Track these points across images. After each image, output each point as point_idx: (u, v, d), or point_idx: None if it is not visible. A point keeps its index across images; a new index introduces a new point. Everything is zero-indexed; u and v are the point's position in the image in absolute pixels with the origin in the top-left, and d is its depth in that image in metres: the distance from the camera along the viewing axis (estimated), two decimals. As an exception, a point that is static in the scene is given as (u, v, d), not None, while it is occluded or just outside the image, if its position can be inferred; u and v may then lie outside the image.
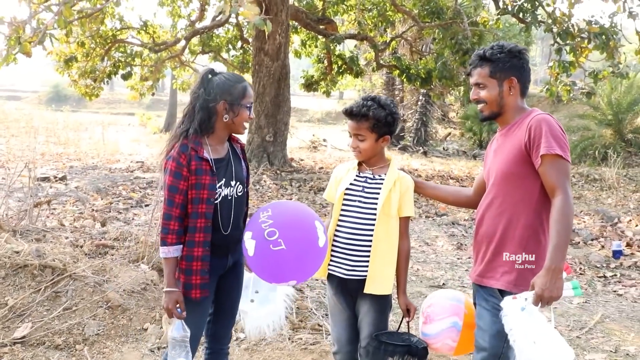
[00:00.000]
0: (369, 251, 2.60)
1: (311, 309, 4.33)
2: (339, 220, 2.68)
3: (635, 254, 6.76)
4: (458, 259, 6.47)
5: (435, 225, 8.35)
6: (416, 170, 14.33)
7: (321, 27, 15.00)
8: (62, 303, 3.72)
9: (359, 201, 2.66)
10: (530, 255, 2.22)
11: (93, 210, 7.65)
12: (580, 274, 6.00)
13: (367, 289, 2.57)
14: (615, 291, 5.52)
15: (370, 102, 2.62)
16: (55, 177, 10.36)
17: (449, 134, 22.47)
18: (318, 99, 37.60)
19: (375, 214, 2.62)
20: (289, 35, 14.09)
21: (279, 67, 13.46)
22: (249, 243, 2.39)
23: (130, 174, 12.64)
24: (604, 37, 9.19)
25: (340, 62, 15.71)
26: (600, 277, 5.94)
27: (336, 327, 2.76)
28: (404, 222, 2.68)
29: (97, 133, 19.72)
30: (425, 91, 19.18)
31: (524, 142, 2.19)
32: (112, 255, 4.38)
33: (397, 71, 15.39)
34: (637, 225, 8.05)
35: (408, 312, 2.69)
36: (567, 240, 2.06)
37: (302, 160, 15.83)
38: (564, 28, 9.34)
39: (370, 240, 2.60)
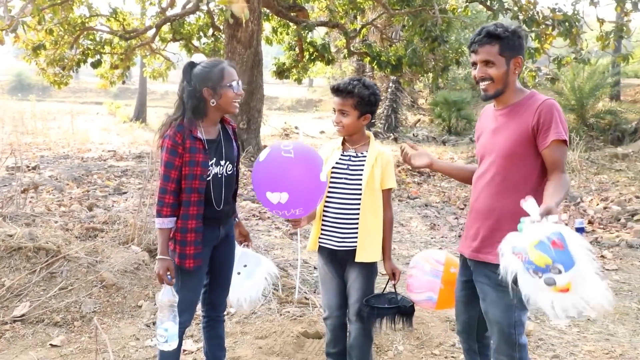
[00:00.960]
0: (357, 223, 2.82)
1: (295, 286, 4.54)
2: (327, 196, 2.89)
3: (596, 231, 7.16)
4: (432, 238, 6.76)
5: (409, 207, 8.64)
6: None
7: (292, 14, 15.07)
8: (58, 283, 3.85)
9: (345, 178, 2.87)
10: None
11: (71, 198, 7.69)
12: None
13: (358, 258, 2.80)
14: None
15: (356, 82, 2.83)
16: (27, 167, 10.29)
17: (419, 120, 22.81)
18: (288, 86, 37.59)
19: (360, 189, 2.83)
20: (261, 23, 14.16)
21: (252, 54, 13.51)
22: (264, 152, 2.61)
23: (104, 162, 12.63)
24: (567, 24, 9.55)
25: (311, 50, 15.82)
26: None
27: (327, 294, 2.97)
28: (387, 193, 2.90)
29: (66, 122, 19.47)
30: (395, 78, 19.46)
31: (532, 124, 2.29)
32: (102, 237, 4.51)
33: (368, 58, 15.59)
34: (597, 205, 8.49)
35: (394, 275, 2.93)
36: (562, 200, 2.20)
37: (271, 147, 15.96)
38: (530, 15, 9.66)
39: (358, 213, 2.82)
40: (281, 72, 17.71)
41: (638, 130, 14.45)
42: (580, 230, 7.03)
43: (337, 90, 2.81)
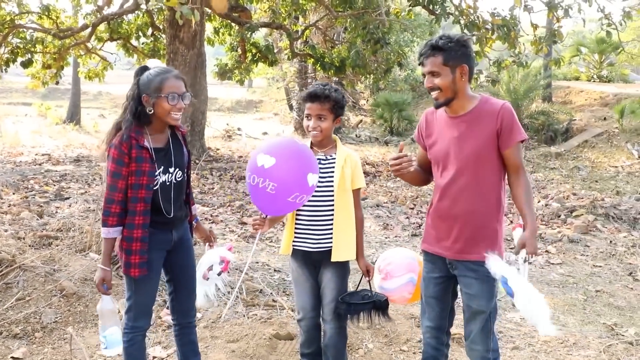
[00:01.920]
0: (330, 224, 2.87)
1: (260, 290, 4.53)
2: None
3: (540, 227, 7.50)
4: (386, 237, 6.89)
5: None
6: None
7: (235, 15, 14.95)
8: (14, 294, 3.68)
9: (317, 181, 2.90)
10: (500, 224, 2.57)
11: (10, 205, 7.33)
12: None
13: (334, 257, 2.84)
14: (522, 258, 6.16)
15: (328, 87, 2.89)
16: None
17: (361, 121, 23.11)
18: (227, 87, 37.14)
19: (332, 190, 2.88)
20: (204, 23, 13.97)
21: (195, 55, 13.32)
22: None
23: (39, 167, 12.10)
24: (505, 28, 9.97)
25: (254, 51, 15.75)
26: (511, 248, 6.58)
27: (301, 296, 2.99)
28: (357, 193, 2.98)
29: (-8, 124, 18.52)
30: (337, 79, 19.64)
31: (495, 128, 2.47)
32: (57, 245, 4.34)
33: (312, 60, 15.68)
34: (539, 202, 8.91)
35: (368, 272, 3.00)
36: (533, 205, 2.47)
37: (218, 149, 15.78)
38: (471, 20, 10.01)
39: (331, 215, 2.87)
40: (223, 73, 17.58)
41: (569, 130, 15.24)
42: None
43: (314, 96, 2.83)
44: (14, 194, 8.42)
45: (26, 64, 14.91)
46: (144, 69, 2.58)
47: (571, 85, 19.60)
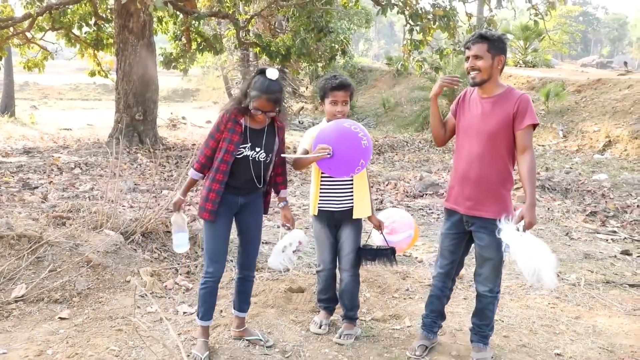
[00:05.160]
0: (350, 187, 3.47)
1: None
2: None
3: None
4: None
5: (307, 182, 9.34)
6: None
7: (180, 4, 15.07)
8: (46, 266, 4.04)
9: None
10: (507, 191, 3.17)
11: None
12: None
13: (356, 215, 3.46)
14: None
15: (345, 78, 3.53)
16: None
17: (302, 107, 23.70)
18: (162, 76, 36.69)
19: None
20: (152, 13, 14.03)
21: (145, 45, 13.42)
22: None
23: (-13, 159, 11.91)
24: (446, 19, 10.78)
25: (199, 39, 15.92)
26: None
27: (322, 252, 3.59)
28: None
29: None
30: (279, 67, 20.05)
31: (512, 112, 3.02)
32: (71, 225, 4.69)
33: (258, 48, 16.03)
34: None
35: (379, 226, 3.63)
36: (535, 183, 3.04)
37: (165, 138, 15.89)
38: (414, 11, 10.76)
39: (351, 180, 3.46)
40: (168, 62, 17.60)
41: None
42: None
43: (342, 86, 3.42)
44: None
45: (-39, 54, 14.48)
46: (262, 72, 3.10)
47: (500, 71, 20.89)
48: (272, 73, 3.06)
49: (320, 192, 3.50)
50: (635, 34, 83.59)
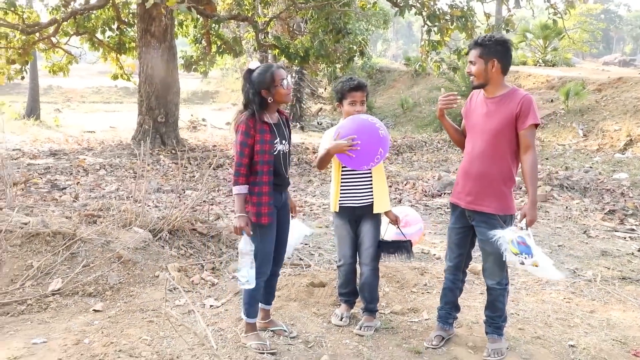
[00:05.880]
0: (370, 184, 3.63)
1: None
2: (344, 167, 3.63)
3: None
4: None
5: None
6: (302, 143, 15.48)
7: (200, 7, 15.33)
8: (80, 262, 4.26)
9: None
10: (508, 189, 3.29)
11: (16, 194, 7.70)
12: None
13: (376, 209, 3.63)
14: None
15: (361, 79, 3.68)
16: None
17: (320, 109, 23.85)
18: (182, 78, 37.13)
19: None
20: (174, 17, 14.33)
21: (167, 48, 13.70)
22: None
23: (16, 161, 12.27)
24: (463, 19, 10.86)
25: (219, 42, 16.17)
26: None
27: (343, 247, 3.76)
28: None
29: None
30: (298, 69, 20.25)
31: (515, 112, 3.14)
32: (102, 222, 4.91)
33: (277, 50, 16.23)
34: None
35: (396, 220, 3.79)
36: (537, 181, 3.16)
37: (186, 140, 16.16)
38: (432, 11, 10.86)
39: (370, 176, 3.62)
40: (189, 65, 17.92)
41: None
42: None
43: (359, 87, 3.62)
44: (15, 185, 8.73)
45: (-11, 60, 14.90)
46: (250, 71, 3.21)
47: (520, 70, 20.83)
48: (255, 64, 3.21)
49: (341, 189, 3.66)
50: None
